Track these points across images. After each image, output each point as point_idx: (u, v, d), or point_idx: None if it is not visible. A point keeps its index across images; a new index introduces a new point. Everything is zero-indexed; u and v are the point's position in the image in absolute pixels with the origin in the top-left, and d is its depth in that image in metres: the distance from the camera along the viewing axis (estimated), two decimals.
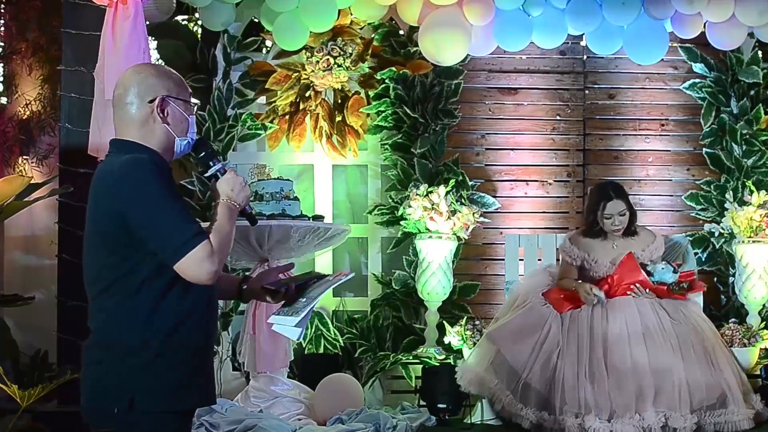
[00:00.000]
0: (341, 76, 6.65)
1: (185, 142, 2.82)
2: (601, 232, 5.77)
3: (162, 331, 2.67)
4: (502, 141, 6.95)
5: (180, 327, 2.69)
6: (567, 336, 5.45)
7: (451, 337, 5.99)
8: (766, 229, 6.28)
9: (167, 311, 2.68)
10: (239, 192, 2.81)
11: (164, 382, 2.68)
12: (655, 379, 5.27)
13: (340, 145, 6.73)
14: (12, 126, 7.10)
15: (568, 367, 5.31)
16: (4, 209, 5.93)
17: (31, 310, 6.40)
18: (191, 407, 2.80)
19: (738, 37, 6.33)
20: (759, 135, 6.76)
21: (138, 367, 2.66)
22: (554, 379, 5.31)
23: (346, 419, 5.51)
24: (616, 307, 5.51)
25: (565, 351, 5.38)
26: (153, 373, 2.67)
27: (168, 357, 2.68)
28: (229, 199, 2.79)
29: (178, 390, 2.70)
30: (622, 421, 5.17)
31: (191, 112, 2.84)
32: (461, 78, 6.79)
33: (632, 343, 5.36)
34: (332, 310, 6.73)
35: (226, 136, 6.64)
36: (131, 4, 5.29)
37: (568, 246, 5.86)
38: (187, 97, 2.83)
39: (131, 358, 2.67)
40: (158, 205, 2.64)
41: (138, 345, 2.66)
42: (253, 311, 5.83)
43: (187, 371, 2.72)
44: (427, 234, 6.30)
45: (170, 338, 2.68)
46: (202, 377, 2.78)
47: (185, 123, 2.81)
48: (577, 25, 6.25)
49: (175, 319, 2.68)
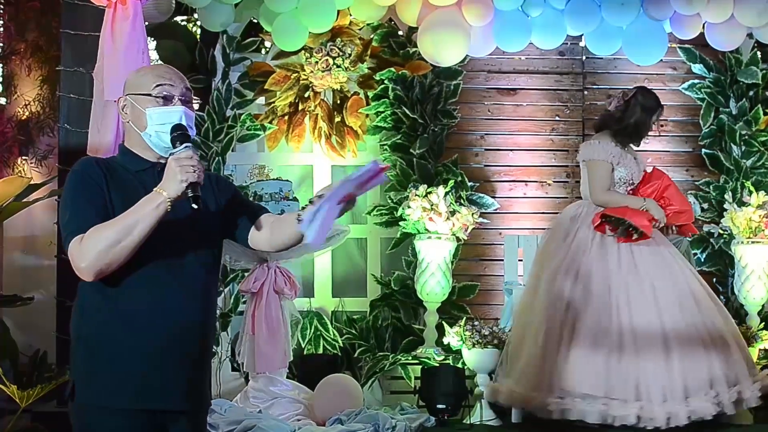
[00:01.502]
0: (340, 76, 6.65)
1: (148, 135, 2.79)
2: (638, 140, 5.60)
3: (94, 327, 2.72)
4: (501, 141, 6.95)
5: (114, 323, 2.70)
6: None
7: (450, 338, 5.99)
8: (765, 229, 6.29)
9: (103, 306, 2.71)
10: (170, 180, 2.65)
11: (97, 376, 2.71)
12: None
13: (339, 146, 6.73)
14: (11, 126, 7.10)
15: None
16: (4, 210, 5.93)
17: (30, 310, 6.40)
18: (127, 407, 2.71)
19: (737, 38, 6.34)
20: (758, 136, 6.76)
21: (79, 359, 2.76)
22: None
23: (345, 420, 5.51)
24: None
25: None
26: (88, 365, 2.73)
27: (104, 352, 2.70)
28: (160, 188, 2.67)
29: (113, 386, 2.70)
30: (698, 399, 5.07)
31: (154, 103, 2.78)
32: (460, 79, 6.79)
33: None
34: (331, 310, 6.74)
35: (225, 136, 6.65)
36: (130, 5, 5.29)
37: (603, 146, 5.47)
38: (149, 89, 2.79)
39: (76, 349, 2.77)
40: (64, 203, 2.73)
41: (76, 338, 2.77)
42: (252, 311, 5.83)
43: (126, 369, 2.70)
44: (426, 234, 6.31)
45: (103, 334, 2.70)
46: (148, 379, 2.72)
47: (141, 117, 2.78)
48: (576, 26, 6.25)
49: (109, 317, 2.71)
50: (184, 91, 2.83)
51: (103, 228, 2.64)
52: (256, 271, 5.87)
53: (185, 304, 2.76)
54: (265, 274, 5.83)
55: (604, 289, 5.23)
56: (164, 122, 2.77)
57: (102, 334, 2.70)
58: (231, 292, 6.60)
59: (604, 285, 5.25)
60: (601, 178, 5.45)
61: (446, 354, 6.16)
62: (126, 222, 2.63)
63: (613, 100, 5.62)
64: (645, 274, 5.27)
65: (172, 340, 2.74)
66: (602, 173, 5.46)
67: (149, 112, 2.77)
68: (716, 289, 6.72)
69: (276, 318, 5.82)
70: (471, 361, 5.85)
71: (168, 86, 2.79)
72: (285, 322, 5.89)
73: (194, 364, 2.82)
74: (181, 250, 2.77)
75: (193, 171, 2.64)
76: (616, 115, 5.54)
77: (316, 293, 6.78)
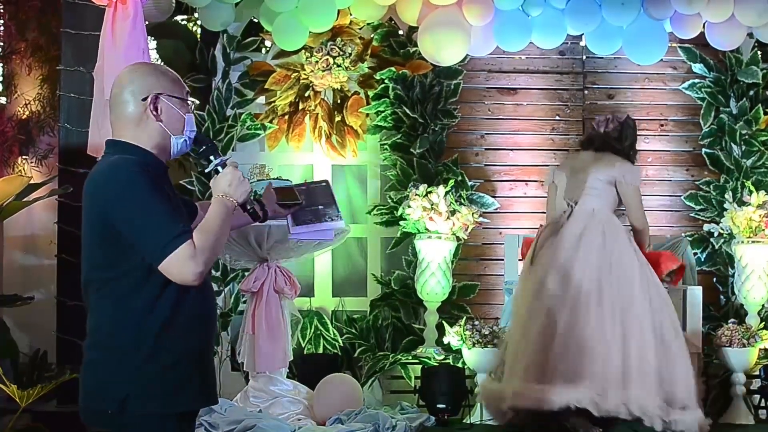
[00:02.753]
0: (340, 76, 6.65)
1: (182, 140, 2.78)
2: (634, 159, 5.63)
3: (154, 333, 2.65)
4: (501, 141, 6.95)
5: (173, 329, 2.67)
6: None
7: (451, 338, 5.99)
8: (765, 229, 6.29)
9: (160, 313, 2.66)
10: (237, 187, 2.74)
11: (157, 384, 2.66)
12: None
13: (339, 146, 6.73)
14: (11, 126, 7.09)
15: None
16: (4, 209, 5.93)
17: (30, 310, 6.40)
18: (186, 410, 2.75)
19: (737, 38, 6.33)
20: (758, 135, 6.76)
21: (131, 369, 2.65)
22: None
23: (345, 419, 5.51)
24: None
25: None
26: (145, 374, 2.65)
27: (161, 359, 2.66)
28: (225, 195, 2.72)
29: (172, 392, 2.68)
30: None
31: (188, 110, 2.79)
32: (461, 78, 6.79)
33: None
34: (331, 310, 6.74)
35: (225, 136, 6.64)
36: (131, 4, 5.29)
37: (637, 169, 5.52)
38: (183, 94, 2.78)
39: (124, 359, 2.66)
40: (140, 206, 2.61)
41: (131, 346, 2.65)
42: (252, 311, 5.83)
43: (182, 373, 2.69)
44: (427, 234, 6.31)
45: (163, 340, 2.66)
46: (199, 379, 2.75)
47: (180, 121, 2.76)
48: (577, 26, 6.25)
49: (168, 321, 2.66)
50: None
51: (205, 233, 2.64)
52: (256, 270, 5.87)
53: (214, 302, 2.85)
54: (265, 274, 5.82)
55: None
56: (193, 128, 2.81)
57: (159, 341, 2.66)
58: (231, 292, 6.60)
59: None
60: (642, 203, 5.49)
61: (446, 354, 6.17)
62: (219, 226, 2.67)
63: (605, 123, 5.52)
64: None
65: (211, 337, 2.82)
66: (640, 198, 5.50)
67: (188, 118, 2.78)
68: (716, 288, 6.73)
69: (276, 317, 5.82)
70: (471, 360, 5.86)
71: (188, 93, 2.83)
72: (285, 322, 5.89)
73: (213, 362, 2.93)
74: None
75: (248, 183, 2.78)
76: (614, 135, 5.49)
77: (317, 293, 6.78)
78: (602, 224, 5.31)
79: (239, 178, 2.75)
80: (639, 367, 4.98)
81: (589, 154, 5.49)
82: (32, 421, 5.57)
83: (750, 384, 6.10)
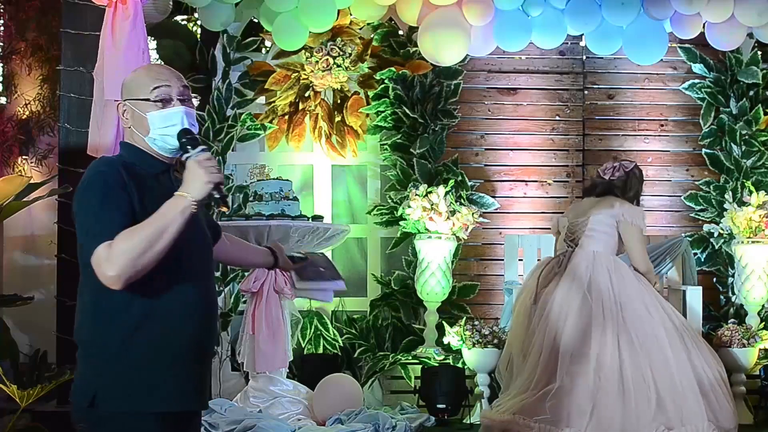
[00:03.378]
0: (340, 76, 6.65)
1: (153, 139, 2.75)
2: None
3: (128, 330, 2.64)
4: (501, 141, 6.95)
5: (149, 327, 2.65)
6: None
7: (451, 338, 5.99)
8: (765, 229, 6.29)
9: (135, 310, 2.64)
10: (194, 182, 2.62)
11: (125, 381, 2.64)
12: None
13: (339, 146, 6.73)
14: (11, 126, 7.10)
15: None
16: (4, 209, 5.93)
17: (30, 310, 6.40)
18: (160, 410, 2.68)
19: (737, 38, 6.33)
20: (758, 135, 6.76)
21: (101, 364, 2.65)
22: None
23: (345, 419, 5.51)
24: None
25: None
26: (116, 371, 2.64)
27: (133, 356, 2.64)
28: (183, 191, 2.63)
29: (145, 391, 2.65)
30: None
31: (153, 108, 2.74)
32: (460, 78, 6.79)
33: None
34: (331, 310, 6.74)
35: (225, 136, 6.65)
36: (131, 4, 5.29)
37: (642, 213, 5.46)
38: (147, 93, 2.75)
39: (94, 356, 2.67)
40: (85, 205, 2.63)
41: (99, 343, 2.66)
42: (252, 311, 5.83)
43: (156, 373, 2.66)
44: (427, 234, 6.31)
45: (137, 337, 2.64)
46: (176, 380, 2.70)
47: (144, 121, 2.75)
48: (577, 26, 6.25)
49: (143, 319, 2.65)
50: (181, 90, 2.78)
51: (132, 234, 2.57)
52: (256, 270, 5.86)
53: (203, 303, 2.75)
54: (266, 274, 5.82)
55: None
56: (167, 125, 2.74)
57: (130, 338, 2.65)
58: (231, 292, 6.60)
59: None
60: (645, 246, 5.46)
61: (446, 354, 6.16)
62: (155, 227, 2.58)
63: (611, 171, 5.50)
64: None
65: (194, 340, 2.73)
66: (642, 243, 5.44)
67: (150, 117, 2.74)
68: (716, 288, 6.73)
69: (276, 317, 5.82)
70: (471, 360, 5.86)
71: (165, 87, 2.75)
72: (285, 322, 5.89)
73: (208, 364, 2.85)
74: (195, 250, 2.76)
75: (216, 172, 2.64)
76: (618, 184, 5.45)
77: None
78: (606, 265, 5.25)
79: (203, 173, 2.62)
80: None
81: (591, 200, 5.47)
82: (32, 421, 5.57)
83: (750, 384, 6.10)
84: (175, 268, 2.67)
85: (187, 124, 2.74)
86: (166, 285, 2.66)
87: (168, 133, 2.74)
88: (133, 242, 2.56)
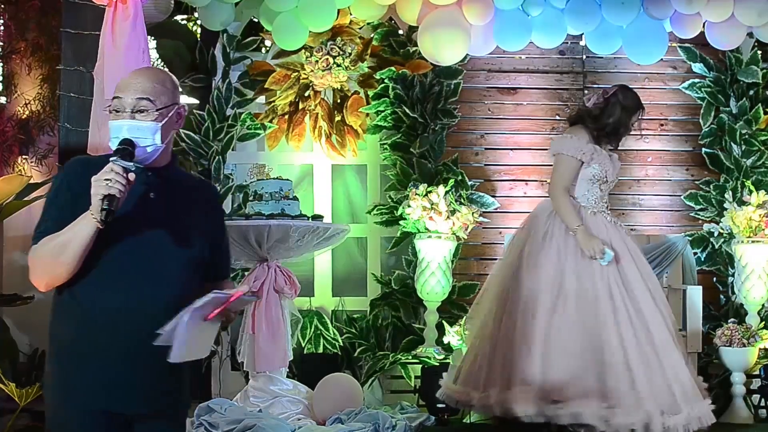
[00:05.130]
0: (340, 75, 6.65)
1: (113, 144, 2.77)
2: (616, 140, 5.34)
3: (65, 329, 2.73)
4: (501, 141, 6.95)
5: (85, 324, 2.71)
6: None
7: (451, 337, 5.99)
8: (765, 229, 6.29)
9: (75, 308, 2.72)
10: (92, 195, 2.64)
11: (67, 379, 2.73)
12: None
13: (339, 145, 6.73)
14: (11, 125, 7.09)
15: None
16: (4, 209, 5.93)
17: (30, 309, 6.40)
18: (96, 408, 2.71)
19: (737, 37, 6.33)
20: (758, 135, 6.76)
21: (50, 362, 2.79)
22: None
23: (345, 419, 5.51)
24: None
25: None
26: (59, 368, 2.75)
27: (73, 355, 2.72)
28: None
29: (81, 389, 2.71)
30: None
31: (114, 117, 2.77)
32: (460, 78, 6.79)
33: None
34: (331, 309, 6.74)
35: (225, 135, 6.65)
36: (131, 4, 5.28)
37: (576, 141, 5.19)
38: (109, 101, 2.80)
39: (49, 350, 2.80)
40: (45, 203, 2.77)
41: (49, 340, 2.79)
42: (252, 311, 5.83)
43: (95, 371, 2.70)
44: (427, 234, 6.31)
45: (73, 337, 2.72)
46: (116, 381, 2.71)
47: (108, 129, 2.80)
48: (577, 25, 6.25)
49: (80, 318, 2.72)
50: (134, 102, 2.76)
51: (46, 242, 2.67)
52: (256, 270, 5.87)
53: (156, 306, 2.71)
54: (266, 273, 5.82)
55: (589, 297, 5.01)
56: (115, 135, 2.76)
57: (73, 336, 2.71)
58: None
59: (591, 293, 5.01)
60: (562, 174, 5.18)
61: (446, 353, 6.16)
62: (61, 239, 2.65)
63: (593, 97, 5.36)
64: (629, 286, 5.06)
65: (136, 341, 2.70)
66: (565, 169, 5.18)
67: (110, 124, 2.79)
68: (716, 288, 6.73)
69: (276, 317, 5.82)
70: None
71: (117, 100, 2.78)
72: (285, 322, 5.90)
73: (164, 367, 2.72)
74: (154, 252, 2.75)
75: (106, 184, 2.62)
76: (594, 112, 5.28)
77: (316, 292, 6.78)
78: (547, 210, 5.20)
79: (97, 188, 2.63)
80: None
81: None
82: (31, 420, 5.57)
83: (750, 384, 6.11)
84: (122, 268, 2.71)
85: (128, 137, 2.75)
86: (108, 285, 2.70)
87: (114, 144, 2.76)
88: (45, 250, 2.67)
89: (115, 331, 2.70)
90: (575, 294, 4.97)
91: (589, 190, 5.19)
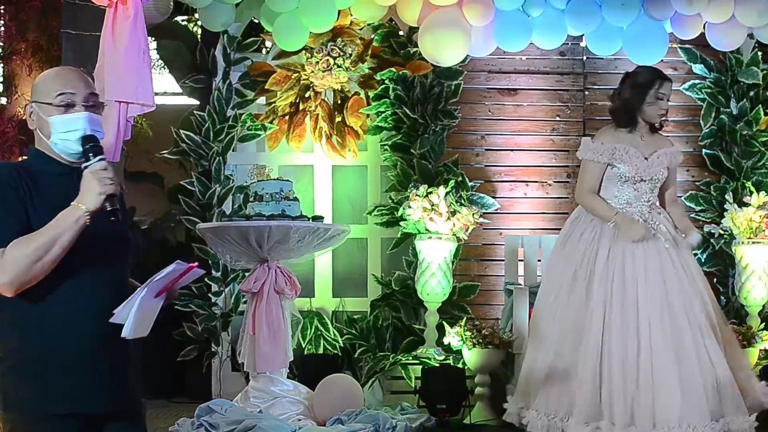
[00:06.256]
0: (341, 76, 6.65)
1: (54, 143, 2.75)
2: (630, 122, 5.08)
3: (18, 335, 2.70)
4: (501, 142, 6.95)
5: (46, 327, 2.68)
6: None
7: (451, 338, 5.99)
8: (765, 230, 6.29)
9: (35, 310, 2.68)
10: (88, 193, 2.63)
11: (25, 385, 2.69)
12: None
13: (339, 146, 6.73)
14: (11, 126, 7.11)
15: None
16: None
17: None
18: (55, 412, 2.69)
19: (738, 38, 6.33)
20: (759, 136, 6.76)
21: (5, 369, 2.72)
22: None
23: (345, 419, 5.51)
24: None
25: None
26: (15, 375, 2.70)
27: (28, 360, 2.69)
28: (78, 202, 2.65)
29: (39, 394, 2.68)
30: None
31: (56, 112, 2.75)
32: (461, 79, 6.79)
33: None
34: (332, 310, 6.74)
35: (225, 136, 6.65)
36: (131, 5, 5.28)
37: (594, 144, 5.08)
38: (51, 97, 2.76)
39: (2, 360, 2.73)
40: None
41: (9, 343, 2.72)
42: (253, 311, 5.83)
43: (52, 376, 2.68)
44: (427, 235, 6.31)
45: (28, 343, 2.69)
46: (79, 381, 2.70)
47: (47, 125, 2.75)
48: (577, 26, 6.25)
49: (33, 324, 2.68)
50: (87, 96, 2.77)
51: (24, 243, 2.62)
52: (256, 271, 5.87)
53: (109, 308, 2.70)
54: (266, 274, 5.82)
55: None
56: (68, 129, 2.74)
57: (27, 342, 2.69)
58: (231, 292, 6.60)
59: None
60: (585, 177, 5.11)
61: (447, 354, 6.17)
62: (47, 237, 2.62)
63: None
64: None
65: (97, 344, 2.71)
66: (589, 173, 5.07)
67: (52, 121, 2.74)
68: (717, 289, 6.72)
69: (276, 318, 5.82)
70: (471, 361, 5.86)
71: (69, 94, 2.76)
72: (285, 322, 5.89)
73: (121, 366, 2.78)
74: (104, 256, 2.75)
75: (110, 183, 2.63)
76: (613, 102, 5.19)
77: (317, 293, 6.78)
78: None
79: (95, 184, 2.63)
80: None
81: None
82: None
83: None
84: (70, 273, 2.68)
85: (89, 130, 2.74)
86: (59, 289, 2.68)
87: (69, 138, 2.74)
88: (25, 251, 2.61)
89: (75, 334, 2.70)
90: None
91: (620, 190, 5.05)
